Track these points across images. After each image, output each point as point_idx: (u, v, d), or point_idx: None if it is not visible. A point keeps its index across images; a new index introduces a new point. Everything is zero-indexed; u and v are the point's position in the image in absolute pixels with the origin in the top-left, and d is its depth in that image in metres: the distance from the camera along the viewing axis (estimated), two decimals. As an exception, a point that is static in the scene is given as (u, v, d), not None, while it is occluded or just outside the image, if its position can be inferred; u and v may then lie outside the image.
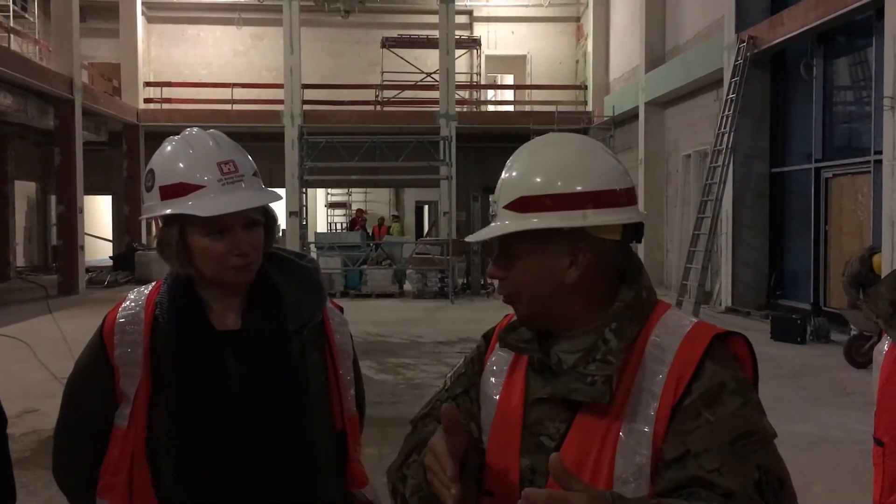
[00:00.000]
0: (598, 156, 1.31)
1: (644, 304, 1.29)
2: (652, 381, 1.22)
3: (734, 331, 1.28)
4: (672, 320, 1.28)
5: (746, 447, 1.16)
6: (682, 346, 1.23)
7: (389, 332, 11.91)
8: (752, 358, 1.29)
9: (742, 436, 1.16)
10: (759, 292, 13.79)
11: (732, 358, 1.25)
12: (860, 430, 6.40)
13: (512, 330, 1.39)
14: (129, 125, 21.43)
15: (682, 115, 17.00)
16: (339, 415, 1.72)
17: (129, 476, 1.60)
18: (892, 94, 9.46)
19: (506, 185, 1.31)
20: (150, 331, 1.62)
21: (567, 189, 1.26)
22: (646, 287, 1.31)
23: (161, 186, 1.59)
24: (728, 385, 1.19)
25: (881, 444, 1.39)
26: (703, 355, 1.21)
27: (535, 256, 1.29)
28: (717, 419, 1.17)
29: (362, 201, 28.10)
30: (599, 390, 1.22)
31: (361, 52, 24.72)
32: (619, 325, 1.26)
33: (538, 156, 1.31)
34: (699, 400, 1.18)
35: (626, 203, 1.29)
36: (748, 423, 1.18)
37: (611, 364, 1.23)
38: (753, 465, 1.15)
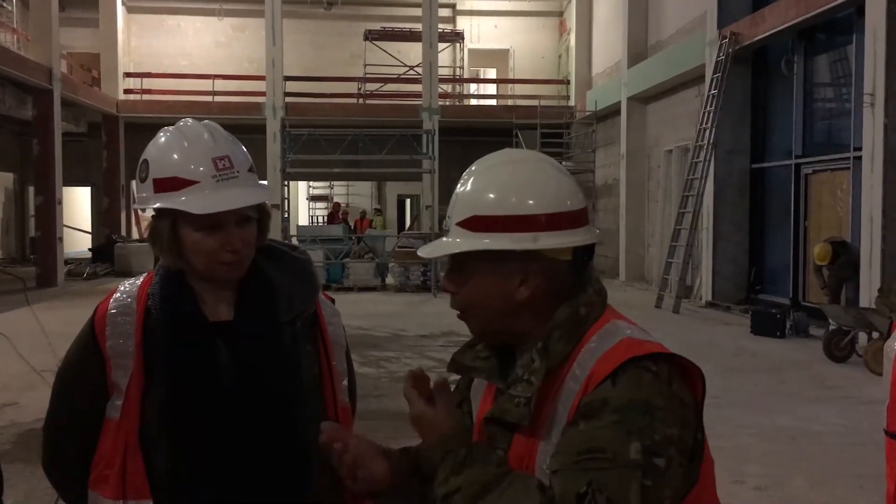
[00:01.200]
0: (552, 176, 1.31)
1: (581, 321, 1.28)
2: (567, 399, 1.23)
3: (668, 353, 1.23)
4: (602, 338, 1.26)
5: (588, 462, 1.15)
6: (597, 364, 1.22)
7: (372, 325, 11.89)
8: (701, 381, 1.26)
9: (591, 450, 1.16)
10: (738, 287, 13.90)
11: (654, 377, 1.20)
12: (840, 423, 6.48)
13: (470, 348, 1.40)
14: (109, 116, 21.22)
15: (664, 111, 17.08)
16: (331, 406, 1.71)
17: (122, 468, 1.58)
18: (872, 91, 9.55)
19: (459, 200, 1.31)
20: (143, 322, 1.60)
21: (520, 211, 1.26)
22: (586, 303, 1.29)
23: (155, 179, 1.58)
24: (610, 403, 1.18)
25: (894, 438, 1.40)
26: (610, 375, 1.19)
27: (486, 275, 1.29)
28: (583, 429, 1.18)
29: (344, 194, 28.02)
30: (521, 412, 1.24)
31: (344, 45, 24.61)
32: (544, 344, 1.26)
33: (492, 174, 1.31)
34: (581, 411, 1.20)
35: (577, 224, 1.30)
36: (605, 441, 1.16)
37: (531, 385, 1.24)
38: (586, 480, 1.14)
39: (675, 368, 1.23)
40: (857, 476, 5.07)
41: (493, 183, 1.29)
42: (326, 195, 28.53)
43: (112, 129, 21.43)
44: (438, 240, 1.36)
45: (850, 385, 7.84)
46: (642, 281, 17.58)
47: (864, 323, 8.47)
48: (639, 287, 16.93)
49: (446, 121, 20.57)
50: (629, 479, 1.15)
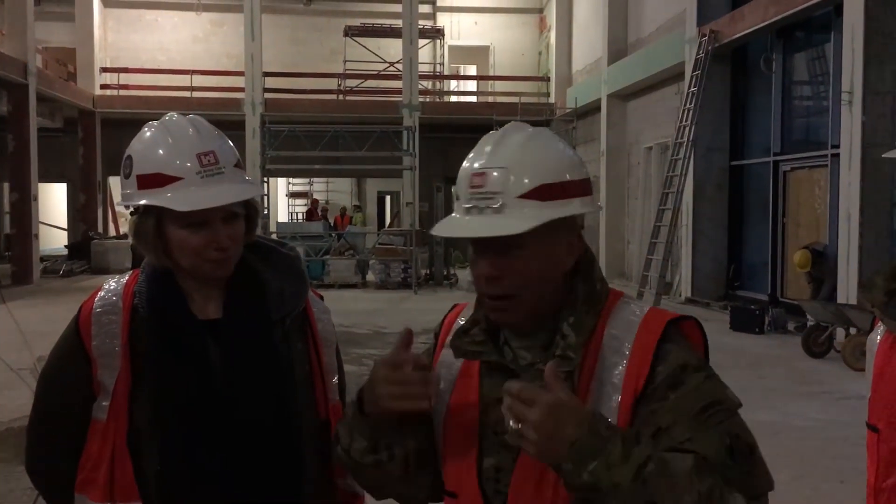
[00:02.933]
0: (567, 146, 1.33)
1: (599, 296, 1.30)
2: (612, 373, 1.22)
3: (685, 314, 1.31)
4: (626, 310, 1.29)
5: (714, 416, 1.18)
6: (639, 335, 1.24)
7: (353, 322, 11.86)
8: (704, 339, 1.32)
9: (709, 405, 1.18)
10: (718, 283, 14.01)
11: (684, 338, 1.27)
12: (820, 418, 6.55)
13: (464, 333, 1.34)
14: (85, 111, 20.99)
15: (644, 108, 17.16)
16: (322, 403, 1.69)
17: (109, 470, 1.55)
18: (850, 89, 9.65)
19: (516, 172, 1.24)
20: (129, 321, 1.57)
21: (579, 175, 1.28)
22: (599, 279, 1.32)
23: (139, 175, 1.54)
24: (690, 364, 1.22)
25: (876, 430, 1.41)
26: (660, 340, 1.23)
27: (543, 246, 1.26)
28: (682, 394, 1.19)
29: (324, 191, 27.91)
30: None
31: (324, 41, 24.49)
32: (576, 319, 1.26)
33: (535, 143, 1.28)
34: (664, 384, 1.20)
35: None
36: (713, 394, 1.20)
37: (570, 360, 1.22)
38: (723, 431, 1.17)
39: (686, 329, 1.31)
40: (838, 470, 5.12)
41: (545, 150, 1.28)
42: (306, 192, 28.39)
43: (88, 124, 21.19)
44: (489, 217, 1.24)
45: (829, 380, 7.92)
46: (622, 277, 17.67)
47: (843, 319, 8.57)
48: (619, 283, 17.00)
49: (426, 117, 20.54)
50: (742, 420, 1.22)
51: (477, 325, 1.33)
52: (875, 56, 9.49)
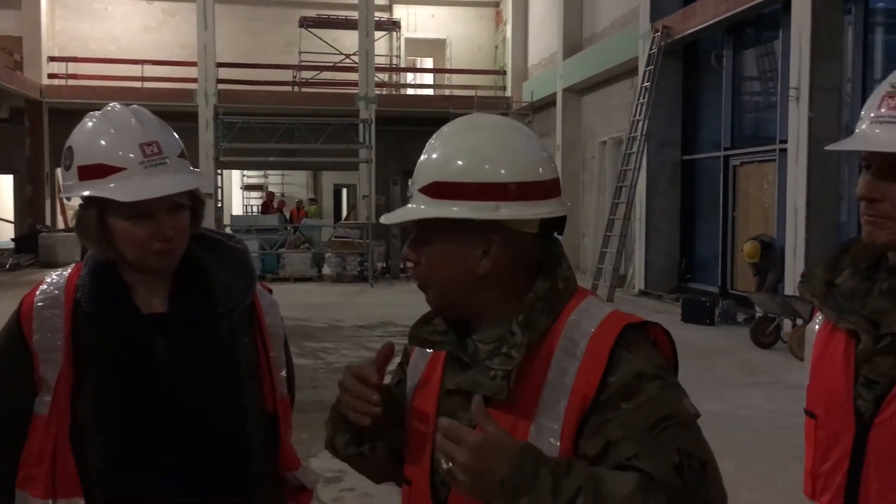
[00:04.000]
0: (522, 143, 1.26)
1: (559, 295, 1.25)
2: (562, 377, 1.19)
3: (650, 320, 1.26)
4: (585, 312, 1.25)
5: (665, 431, 1.14)
6: (593, 339, 1.20)
7: (308, 316, 11.78)
8: (672, 345, 1.29)
9: (660, 420, 1.15)
10: (670, 276, 14.23)
11: (651, 344, 1.24)
12: (766, 407, 6.70)
13: (426, 322, 1.35)
14: (32, 101, 20.48)
15: (599, 102, 17.32)
16: (270, 397, 1.69)
17: (51, 466, 1.53)
18: (797, 86, 9.86)
19: (423, 167, 1.26)
20: (72, 315, 1.55)
21: (484, 178, 1.21)
22: (563, 278, 1.27)
23: (80, 166, 1.52)
24: (646, 372, 1.17)
25: (813, 417, 1.45)
26: (614, 346, 1.19)
27: (447, 245, 1.25)
28: (635, 406, 1.15)
29: (279, 184, 27.63)
30: (498, 385, 1.19)
31: (279, 32, 24.20)
32: (526, 317, 1.22)
33: (459, 139, 1.26)
34: (617, 394, 1.16)
35: (546, 195, 1.25)
36: (667, 407, 1.16)
37: (512, 359, 1.20)
38: (673, 448, 1.13)
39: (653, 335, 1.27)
40: (783, 457, 5.25)
41: (458, 148, 1.24)
42: (261, 185, 28.08)
43: (35, 115, 20.68)
44: (404, 206, 1.29)
45: (776, 370, 8.11)
46: (577, 270, 17.79)
47: (789, 310, 8.77)
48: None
49: (383, 110, 20.45)
50: (699, 431, 1.19)
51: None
52: (822, 53, 9.70)
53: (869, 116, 1.34)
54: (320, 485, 4.76)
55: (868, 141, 1.33)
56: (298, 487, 1.75)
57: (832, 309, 1.44)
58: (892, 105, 1.31)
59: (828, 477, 1.41)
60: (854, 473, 1.35)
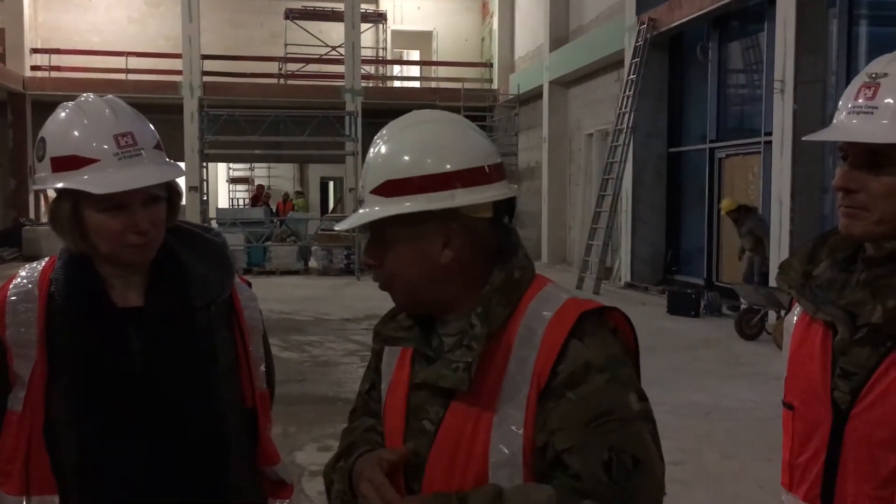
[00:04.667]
0: (465, 133, 1.28)
1: (516, 284, 1.26)
2: (522, 365, 1.21)
3: (608, 305, 1.27)
4: (543, 300, 1.26)
5: (601, 427, 1.15)
6: (549, 327, 1.22)
7: (294, 309, 11.76)
8: (632, 330, 1.30)
9: (598, 415, 1.16)
10: (656, 268, 14.27)
11: (610, 332, 1.25)
12: (750, 399, 6.74)
13: (391, 319, 1.36)
14: (15, 93, 20.29)
15: (585, 95, 17.33)
16: (249, 391, 1.68)
17: (25, 462, 1.52)
18: (782, 78, 9.89)
19: (371, 167, 1.26)
20: (45, 309, 1.53)
21: (434, 169, 1.23)
22: (519, 266, 1.28)
23: (52, 157, 1.49)
24: (594, 363, 1.18)
25: (791, 408, 1.46)
26: (569, 335, 1.20)
27: (407, 241, 1.25)
28: (578, 398, 1.17)
29: (265, 177, 27.51)
30: (460, 377, 1.21)
31: (264, 23, 24.06)
32: (484, 309, 1.23)
33: (402, 136, 1.27)
34: (563, 382, 1.18)
35: (494, 180, 1.26)
36: (608, 403, 1.17)
37: (472, 350, 1.21)
38: (605, 445, 1.15)
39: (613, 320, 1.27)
40: (765, 449, 5.28)
41: (403, 145, 1.25)
42: (247, 177, 27.96)
43: (18, 107, 20.50)
44: (356, 212, 1.30)
45: (760, 362, 8.15)
46: (564, 263, 17.86)
47: (774, 302, 8.82)
48: (560, 269, 17.19)
49: (369, 102, 20.38)
50: (641, 430, 1.19)
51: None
52: (806, 46, 9.74)
53: (846, 107, 1.34)
54: (305, 478, 4.75)
55: (844, 131, 1.33)
56: (278, 482, 1.74)
57: (809, 300, 1.44)
58: (869, 95, 1.31)
59: (805, 468, 1.41)
60: (831, 464, 1.36)
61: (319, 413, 6.10)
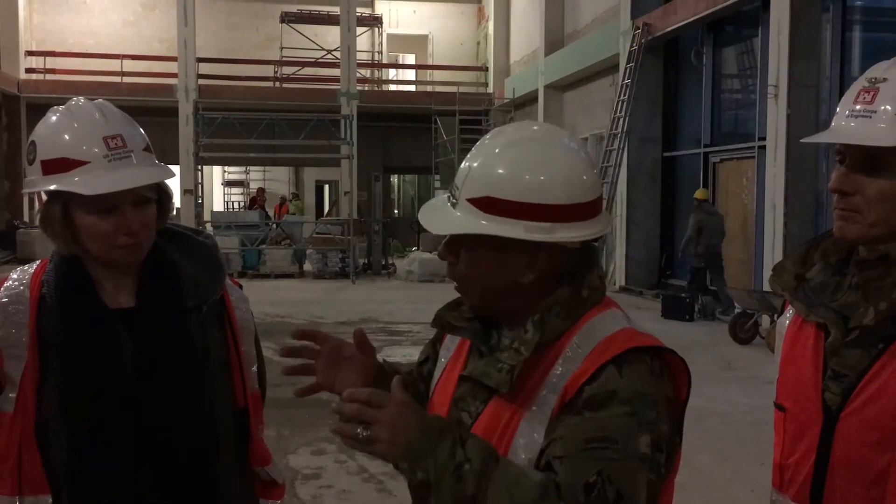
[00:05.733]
0: (575, 161, 1.25)
1: (581, 302, 1.26)
2: (558, 379, 1.21)
3: (664, 346, 1.24)
4: (601, 322, 1.25)
5: (598, 451, 1.13)
6: (596, 348, 1.21)
7: (289, 312, 11.74)
8: (687, 378, 1.28)
9: (601, 439, 1.14)
10: (650, 272, 14.30)
11: (654, 373, 1.21)
12: (743, 402, 6.75)
13: (455, 307, 1.37)
14: (10, 96, 20.26)
15: (580, 99, 17.36)
16: (240, 392, 1.68)
17: (17, 463, 1.52)
18: (776, 83, 9.93)
19: (474, 175, 1.24)
20: (37, 311, 1.53)
21: (537, 199, 1.20)
22: (590, 286, 1.27)
23: (43, 160, 1.50)
24: (619, 394, 1.16)
25: (783, 410, 1.46)
26: (609, 361, 1.18)
27: (491, 256, 1.25)
28: (591, 418, 1.16)
29: (261, 180, 27.49)
30: (503, 378, 1.22)
31: (260, 27, 24.07)
32: (542, 317, 1.24)
33: (512, 152, 1.24)
34: (584, 401, 1.17)
35: (594, 214, 1.25)
36: (616, 433, 1.14)
37: (519, 354, 1.22)
38: (595, 468, 1.13)
39: (666, 364, 1.25)
40: (758, 452, 5.28)
41: (513, 163, 1.22)
42: (242, 180, 27.94)
43: (13, 109, 20.46)
44: (443, 209, 1.27)
45: (754, 365, 8.17)
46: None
47: (767, 306, 8.84)
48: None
49: (365, 106, 20.39)
50: (638, 471, 1.15)
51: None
52: (800, 51, 9.78)
53: (845, 110, 1.35)
54: (299, 482, 4.74)
55: (842, 134, 1.34)
56: (270, 483, 1.75)
57: (802, 302, 1.44)
58: (868, 99, 1.31)
59: (795, 469, 1.42)
60: (821, 465, 1.36)
61: (313, 416, 6.09)
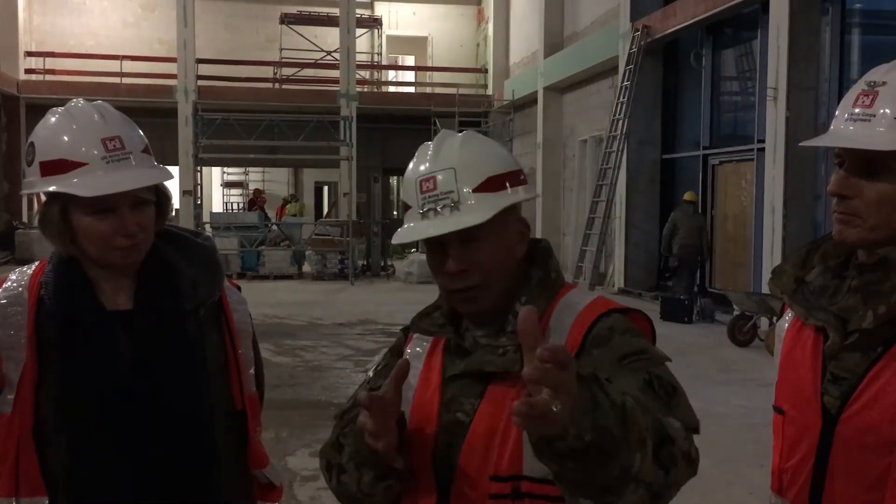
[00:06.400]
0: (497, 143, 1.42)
1: (552, 283, 1.36)
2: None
3: (632, 307, 1.34)
4: (573, 297, 1.35)
5: (634, 363, 1.23)
6: (580, 315, 1.30)
7: (288, 313, 11.74)
8: (653, 332, 1.37)
9: (629, 354, 1.24)
10: (649, 274, 14.29)
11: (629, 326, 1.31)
12: (742, 405, 6.75)
13: (426, 316, 1.43)
14: (9, 97, 20.26)
15: (580, 101, 17.36)
16: (238, 394, 1.68)
17: (14, 464, 1.52)
18: (775, 85, 9.93)
19: (463, 169, 1.31)
20: (35, 312, 1.53)
21: (514, 167, 1.36)
22: (555, 269, 1.38)
23: (41, 162, 1.51)
24: (616, 328, 1.27)
25: (781, 413, 1.46)
26: (596, 320, 1.29)
27: (499, 235, 1.33)
28: (605, 348, 1.25)
29: (260, 181, 27.49)
30: (511, 359, 1.25)
31: (259, 28, 24.08)
32: (528, 298, 1.31)
33: (472, 141, 1.36)
34: (589, 344, 1.26)
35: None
36: (636, 346, 1.25)
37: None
38: (642, 372, 1.21)
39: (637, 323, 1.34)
40: (757, 455, 5.28)
41: (482, 148, 1.36)
42: (241, 181, 27.94)
43: (12, 110, 20.46)
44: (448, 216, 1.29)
45: (752, 368, 8.16)
46: (557, 268, 17.86)
47: (766, 308, 8.84)
48: (554, 274, 17.20)
49: (364, 107, 20.39)
50: (670, 371, 1.26)
51: (438, 309, 1.42)
52: (799, 53, 9.78)
53: (844, 114, 1.35)
54: (297, 484, 4.73)
55: (841, 138, 1.34)
56: (267, 485, 1.75)
57: (801, 305, 1.44)
58: (867, 103, 1.31)
59: (794, 472, 1.42)
60: (820, 468, 1.36)
61: (311, 418, 6.09)
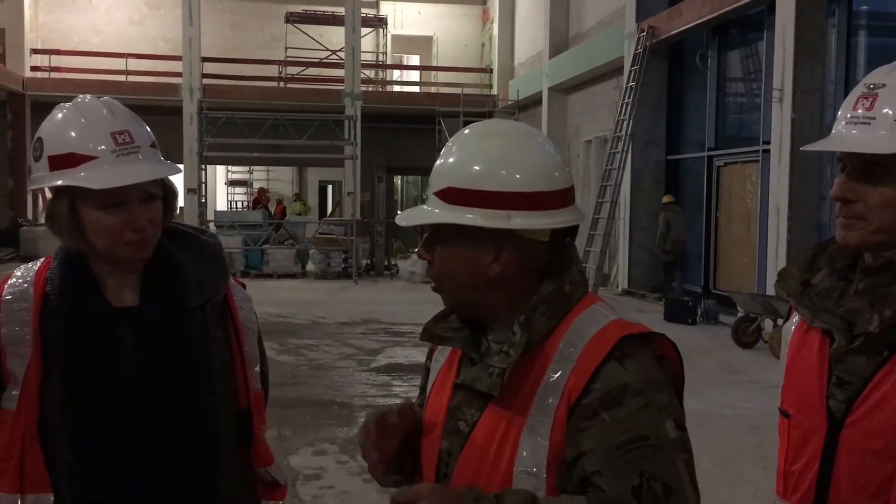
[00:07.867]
0: (538, 151, 1.27)
1: (565, 298, 1.26)
2: (556, 379, 1.21)
3: (656, 332, 1.26)
4: (588, 318, 1.25)
5: (633, 452, 1.15)
6: (589, 344, 1.21)
7: (291, 312, 11.75)
8: (679, 358, 1.29)
9: (631, 440, 1.15)
10: (653, 275, 14.28)
11: (654, 358, 1.23)
12: (746, 406, 6.74)
13: (442, 319, 1.37)
14: (14, 94, 20.29)
15: (584, 102, 17.35)
16: (243, 392, 1.68)
17: (19, 460, 1.52)
18: (781, 87, 9.91)
19: (438, 171, 1.28)
20: (40, 308, 1.53)
21: (496, 187, 1.22)
22: (571, 281, 1.27)
23: (50, 156, 1.50)
24: (631, 386, 1.17)
25: (787, 416, 1.46)
26: (608, 355, 1.19)
27: (459, 248, 1.27)
28: (612, 420, 1.16)
29: (264, 180, 27.52)
30: (493, 382, 1.22)
31: (264, 26, 24.09)
32: (528, 318, 1.24)
33: (475, 144, 1.28)
34: (597, 401, 1.17)
35: (557, 206, 1.26)
36: (642, 427, 1.16)
37: (509, 357, 1.22)
38: (636, 470, 1.14)
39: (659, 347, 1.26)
40: (761, 457, 5.27)
41: (472, 155, 1.26)
42: (246, 180, 27.97)
43: (18, 107, 20.50)
44: (418, 207, 1.34)
45: (756, 370, 8.15)
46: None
47: (770, 310, 8.82)
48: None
49: (369, 106, 20.40)
50: (675, 458, 1.17)
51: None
52: (805, 55, 9.76)
53: (845, 117, 1.34)
54: (300, 482, 4.74)
55: (842, 141, 1.33)
56: (272, 483, 1.74)
57: (807, 308, 1.44)
58: (867, 106, 1.31)
59: (799, 476, 1.41)
60: (824, 473, 1.36)
61: (315, 416, 6.09)
